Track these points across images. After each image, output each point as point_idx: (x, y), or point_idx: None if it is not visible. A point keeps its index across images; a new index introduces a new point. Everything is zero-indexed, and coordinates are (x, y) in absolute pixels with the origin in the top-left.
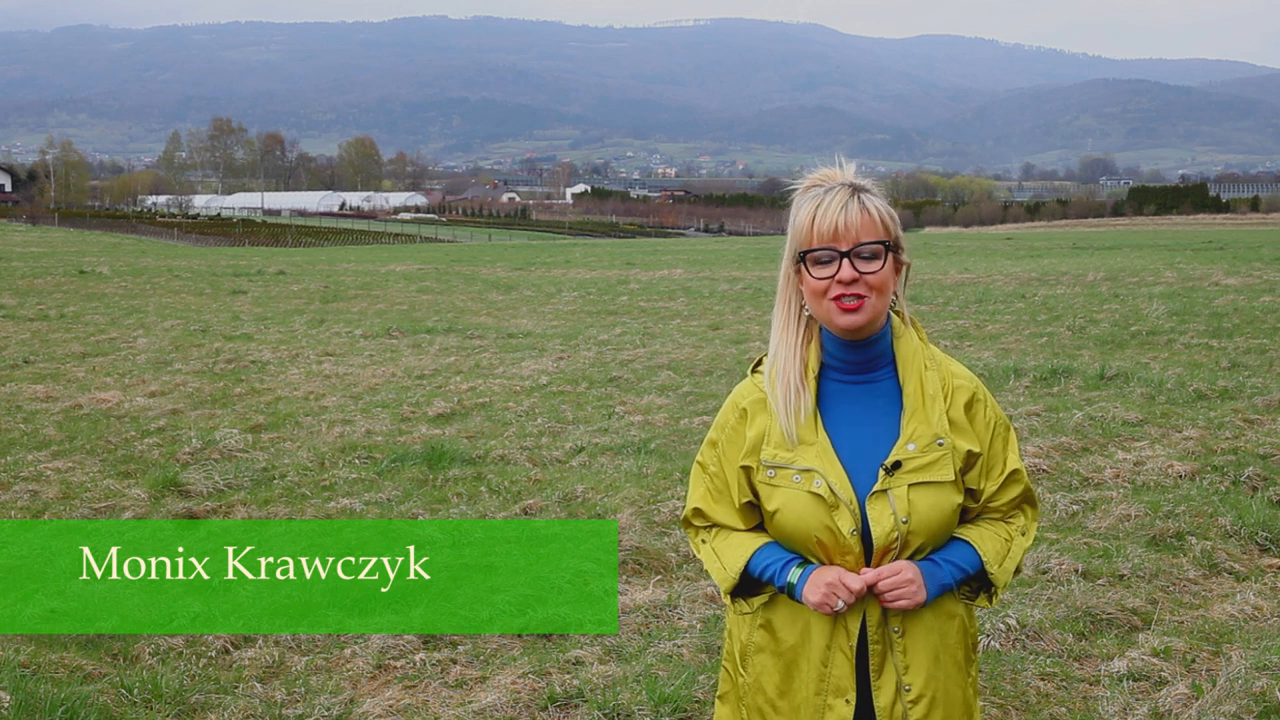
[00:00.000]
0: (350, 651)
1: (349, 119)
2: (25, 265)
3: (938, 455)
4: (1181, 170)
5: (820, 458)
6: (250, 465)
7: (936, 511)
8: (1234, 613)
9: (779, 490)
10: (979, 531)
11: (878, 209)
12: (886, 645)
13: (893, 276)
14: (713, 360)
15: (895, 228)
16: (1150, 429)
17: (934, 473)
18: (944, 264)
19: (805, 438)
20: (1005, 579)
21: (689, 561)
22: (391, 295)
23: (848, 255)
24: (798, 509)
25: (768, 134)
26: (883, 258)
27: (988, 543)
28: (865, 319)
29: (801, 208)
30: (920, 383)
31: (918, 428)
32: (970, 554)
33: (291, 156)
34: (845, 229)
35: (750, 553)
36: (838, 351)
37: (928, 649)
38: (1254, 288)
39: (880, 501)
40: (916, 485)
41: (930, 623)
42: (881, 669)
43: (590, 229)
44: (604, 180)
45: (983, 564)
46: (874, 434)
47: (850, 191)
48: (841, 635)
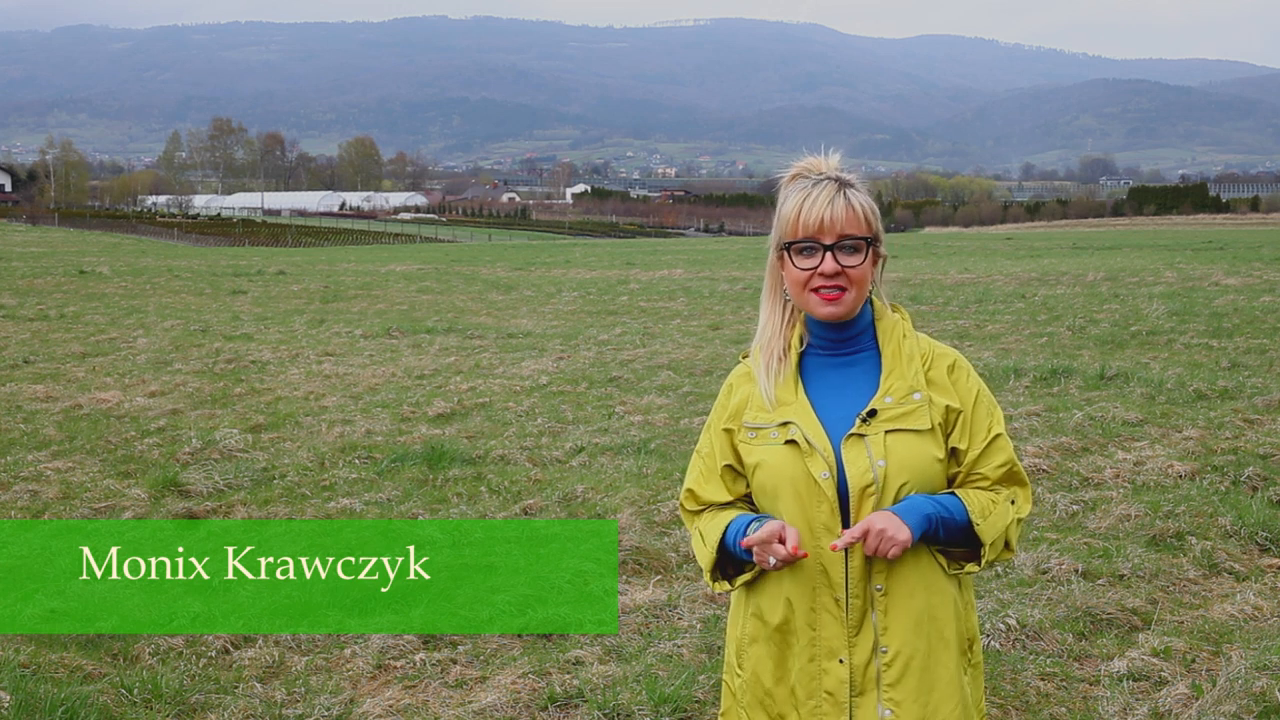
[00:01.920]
0: (350, 651)
1: (349, 119)
2: (25, 265)
3: (914, 406)
4: (1181, 170)
5: (797, 412)
6: (250, 465)
7: (914, 457)
8: (1234, 613)
9: (759, 448)
10: (965, 490)
11: (861, 204)
12: (867, 602)
13: (872, 269)
14: (713, 360)
15: (876, 222)
16: (1150, 429)
17: (911, 421)
18: (944, 264)
19: (784, 399)
20: (992, 536)
21: (689, 561)
22: (391, 295)
23: (831, 249)
24: (775, 461)
25: (768, 134)
26: (864, 252)
27: (973, 498)
28: (844, 310)
29: (788, 198)
30: (899, 347)
31: (895, 384)
32: (955, 501)
33: (291, 156)
34: (830, 222)
35: (726, 524)
36: (820, 331)
37: (909, 613)
38: (1254, 288)
39: (856, 445)
40: (894, 432)
41: (914, 586)
42: (860, 626)
43: (590, 229)
44: (604, 180)
45: (968, 514)
46: (853, 396)
47: (836, 186)
48: (825, 593)
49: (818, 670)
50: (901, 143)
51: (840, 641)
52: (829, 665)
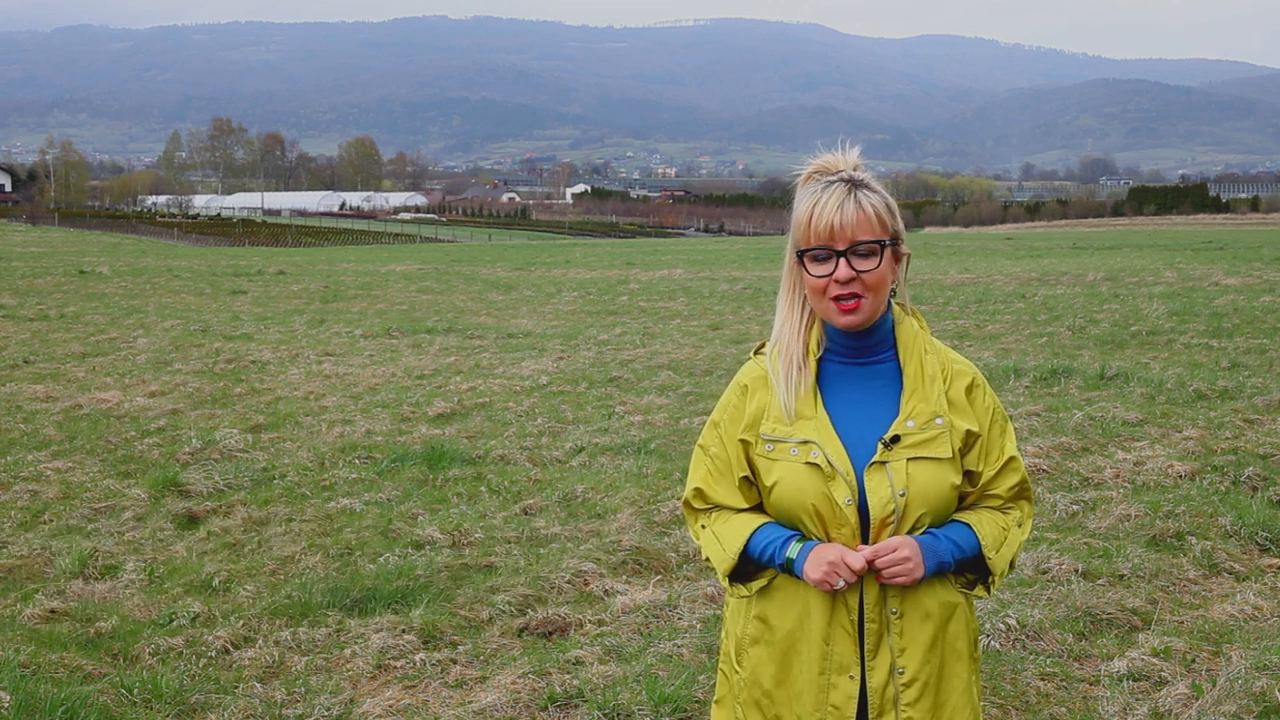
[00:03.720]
0: (350, 651)
1: (349, 119)
2: (25, 265)
3: (936, 433)
4: (1181, 170)
5: (818, 430)
6: (250, 465)
7: (934, 486)
8: (1234, 613)
9: (778, 464)
10: (978, 516)
11: (874, 206)
12: (883, 626)
13: (891, 271)
14: (713, 360)
15: (893, 221)
16: (1150, 429)
17: (932, 449)
18: (944, 264)
19: (804, 413)
20: (1002, 567)
21: (689, 561)
22: (391, 295)
23: (844, 254)
24: (796, 480)
25: (768, 134)
26: (879, 255)
27: (986, 527)
28: (862, 318)
29: (800, 202)
30: (920, 364)
31: (917, 405)
32: (968, 534)
33: (291, 156)
34: (841, 228)
35: (750, 532)
36: (839, 337)
37: (924, 634)
38: (1254, 288)
39: (878, 473)
40: (915, 460)
41: (928, 607)
42: (877, 649)
43: (590, 229)
44: (604, 180)
45: (980, 547)
46: (873, 412)
47: (847, 189)
48: (842, 612)
49: (827, 684)
50: (901, 143)
51: (851, 658)
52: (839, 680)
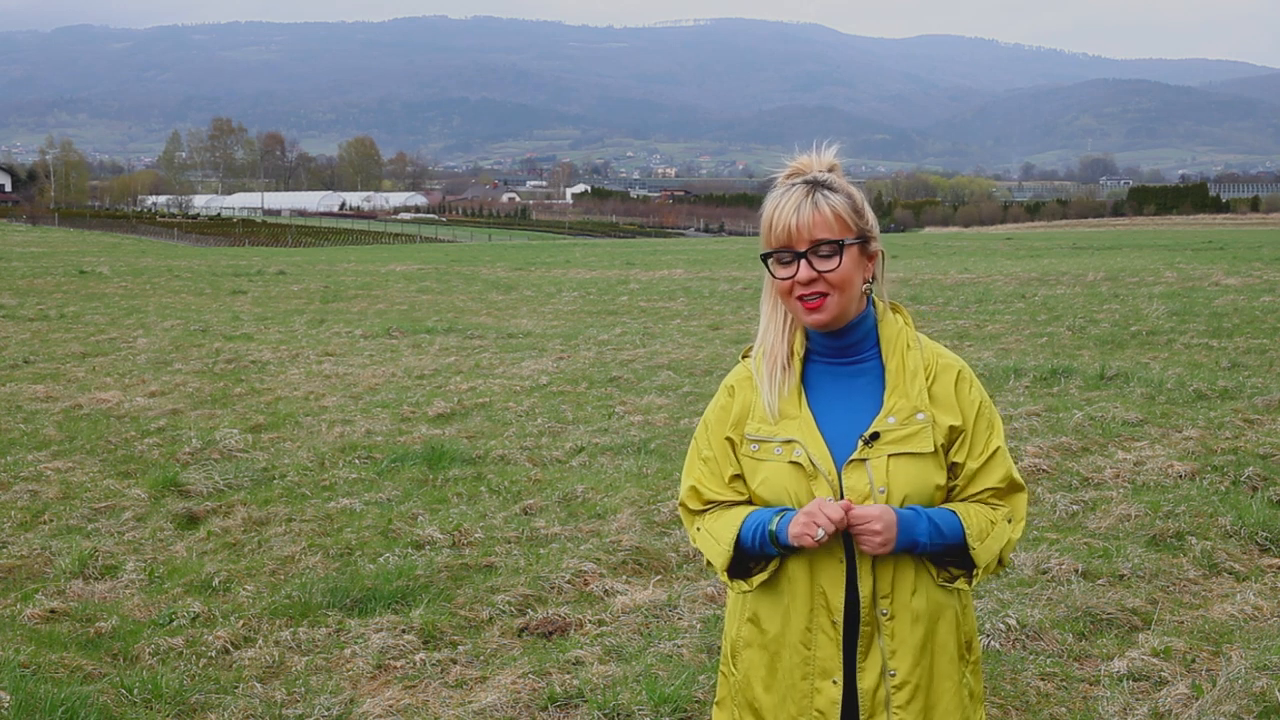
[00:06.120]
0: (350, 651)
1: (349, 119)
2: (25, 265)
3: (917, 428)
4: (1181, 170)
5: (802, 429)
6: (250, 465)
7: (915, 482)
8: (1234, 613)
9: (763, 464)
10: (965, 507)
11: (832, 206)
12: (875, 628)
13: (859, 269)
14: (713, 360)
15: (857, 220)
16: (1150, 429)
17: (913, 444)
18: (944, 264)
19: (788, 412)
20: (986, 559)
21: (689, 561)
22: (391, 295)
23: (804, 256)
24: (780, 480)
25: (768, 134)
26: (839, 255)
27: (972, 516)
28: (829, 316)
29: (765, 205)
30: (902, 360)
31: (898, 402)
32: (952, 519)
33: (291, 156)
34: (798, 230)
35: (740, 520)
36: (820, 338)
37: (915, 636)
38: (1254, 288)
39: (857, 470)
40: (896, 456)
41: (919, 608)
42: (868, 651)
43: (590, 229)
44: (604, 180)
45: (964, 533)
46: (857, 411)
47: (806, 190)
48: (822, 615)
49: (810, 689)
50: (901, 143)
51: (835, 663)
52: (822, 685)
